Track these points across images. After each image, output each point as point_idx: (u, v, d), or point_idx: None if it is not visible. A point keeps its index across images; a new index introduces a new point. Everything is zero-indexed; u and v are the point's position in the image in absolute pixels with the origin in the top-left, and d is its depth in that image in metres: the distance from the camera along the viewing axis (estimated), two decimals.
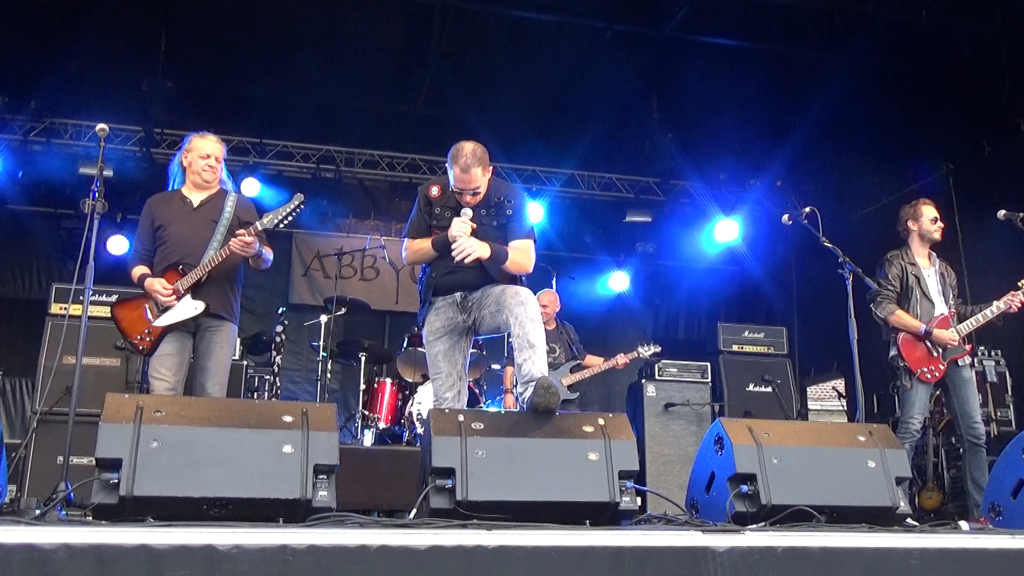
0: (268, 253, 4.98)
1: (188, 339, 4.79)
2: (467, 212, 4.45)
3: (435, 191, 4.61)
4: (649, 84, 9.51)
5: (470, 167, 4.38)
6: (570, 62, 8.68)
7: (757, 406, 7.96)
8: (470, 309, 4.48)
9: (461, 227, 4.40)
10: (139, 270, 4.85)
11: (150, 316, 4.74)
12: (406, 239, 4.68)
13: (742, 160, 10.53)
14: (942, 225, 5.91)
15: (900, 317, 5.70)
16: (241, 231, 4.71)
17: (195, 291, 4.71)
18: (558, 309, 7.96)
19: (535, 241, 4.66)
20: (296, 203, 4.86)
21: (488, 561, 2.98)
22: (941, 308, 5.73)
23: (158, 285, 4.70)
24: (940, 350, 5.64)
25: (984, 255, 8.08)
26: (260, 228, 4.78)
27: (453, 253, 4.33)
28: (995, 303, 5.64)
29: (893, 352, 5.76)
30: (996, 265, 7.34)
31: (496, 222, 4.56)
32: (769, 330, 8.59)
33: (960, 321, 5.74)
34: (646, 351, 7.75)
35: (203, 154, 4.96)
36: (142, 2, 8.02)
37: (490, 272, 4.46)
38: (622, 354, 7.75)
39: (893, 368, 5.83)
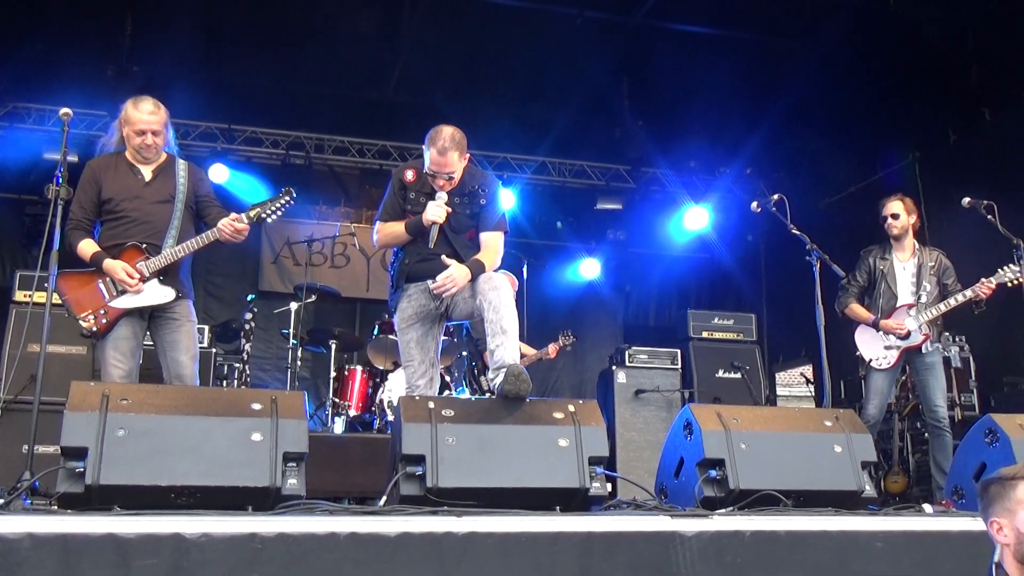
0: None
1: (142, 321, 4.52)
2: (442, 196, 4.43)
3: (410, 175, 4.58)
4: (620, 71, 9.51)
5: (447, 151, 4.35)
6: (541, 49, 8.65)
7: (726, 392, 8.02)
8: (442, 295, 4.47)
9: (437, 211, 4.39)
10: (90, 246, 4.46)
11: (105, 295, 4.44)
12: (378, 222, 4.64)
13: (712, 148, 10.57)
14: (895, 223, 5.95)
15: (853, 310, 5.96)
16: (236, 215, 4.51)
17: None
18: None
19: (506, 232, 4.66)
20: (287, 198, 4.67)
21: (458, 547, 2.99)
22: (907, 299, 5.88)
23: (122, 272, 4.38)
24: (894, 338, 5.79)
25: (950, 243, 8.15)
26: (247, 221, 4.56)
27: (436, 292, 4.32)
28: (964, 291, 5.76)
29: None
30: (962, 253, 7.41)
31: (469, 211, 4.56)
32: (738, 317, 8.65)
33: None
34: (567, 340, 8.07)
35: (137, 130, 4.53)
36: None
37: (463, 257, 4.45)
38: (553, 344, 8.01)
39: None
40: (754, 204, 5.65)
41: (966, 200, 5.50)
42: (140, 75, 8.65)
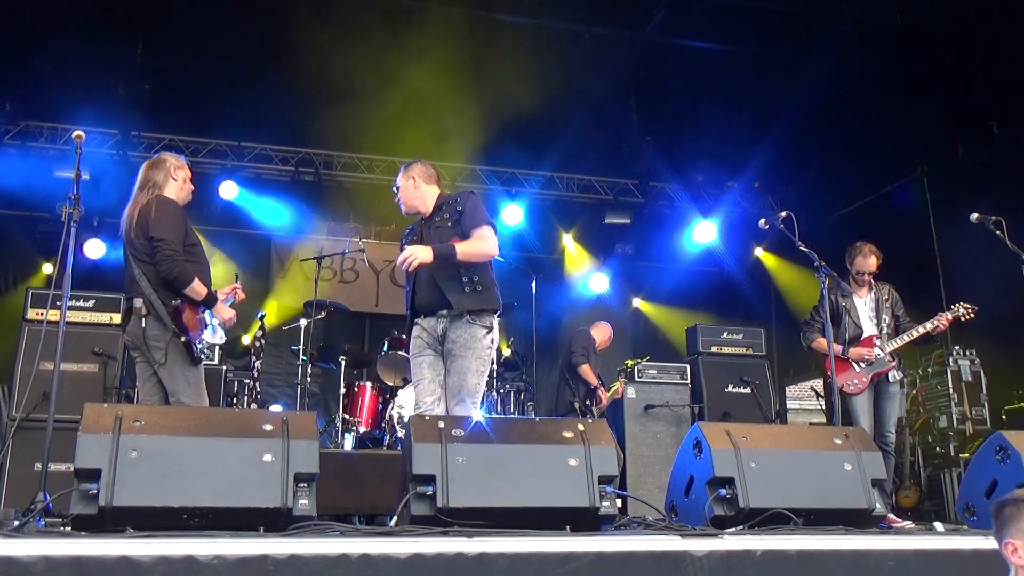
0: None
1: None
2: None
3: None
4: (628, 86, 9.57)
5: (397, 176, 4.86)
6: (549, 65, 8.69)
7: (736, 407, 8.00)
8: (443, 342, 4.61)
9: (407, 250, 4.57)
10: (203, 286, 4.61)
11: (207, 327, 4.68)
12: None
13: (720, 162, 10.60)
14: (863, 272, 6.15)
15: (821, 343, 6.14)
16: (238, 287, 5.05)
17: None
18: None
19: (492, 225, 4.71)
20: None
21: (469, 568, 2.99)
22: (870, 331, 6.11)
23: (232, 316, 4.79)
24: (863, 365, 6.00)
25: (959, 257, 8.16)
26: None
27: (398, 265, 4.53)
28: (924, 324, 6.00)
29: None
30: (971, 267, 7.40)
31: (449, 222, 4.69)
32: (747, 331, 8.63)
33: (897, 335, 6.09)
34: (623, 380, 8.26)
35: (191, 177, 4.86)
36: (119, 5, 7.98)
37: (438, 282, 4.53)
38: (618, 383, 8.22)
39: None
40: (762, 221, 5.67)
41: (974, 216, 5.50)
42: (151, 93, 8.73)
